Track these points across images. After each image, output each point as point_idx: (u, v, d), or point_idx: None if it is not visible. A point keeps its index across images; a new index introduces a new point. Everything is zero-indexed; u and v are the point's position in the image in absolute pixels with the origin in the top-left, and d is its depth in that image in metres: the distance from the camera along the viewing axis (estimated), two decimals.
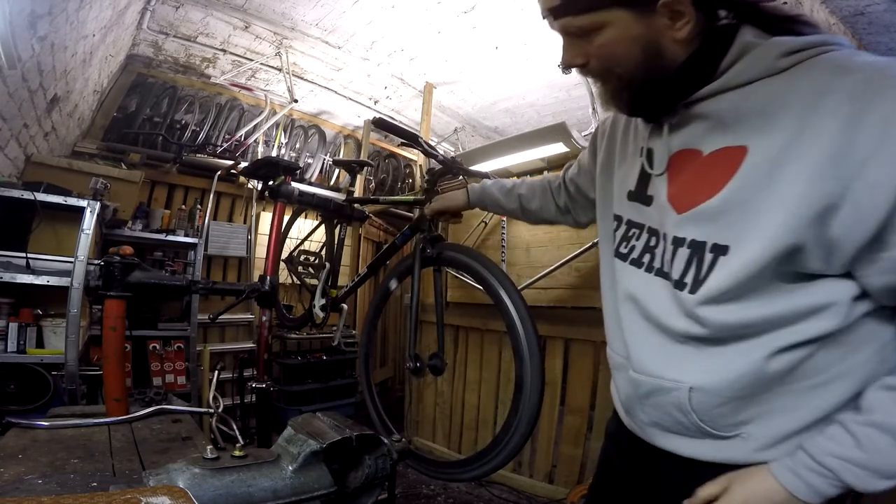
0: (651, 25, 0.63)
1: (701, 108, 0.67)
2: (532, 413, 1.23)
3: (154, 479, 0.80)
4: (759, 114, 0.61)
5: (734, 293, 0.63)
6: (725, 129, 0.65)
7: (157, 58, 3.51)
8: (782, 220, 0.57)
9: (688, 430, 0.71)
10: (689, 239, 0.67)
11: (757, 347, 0.63)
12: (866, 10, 2.12)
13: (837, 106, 0.54)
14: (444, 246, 1.53)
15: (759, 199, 0.59)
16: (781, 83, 0.60)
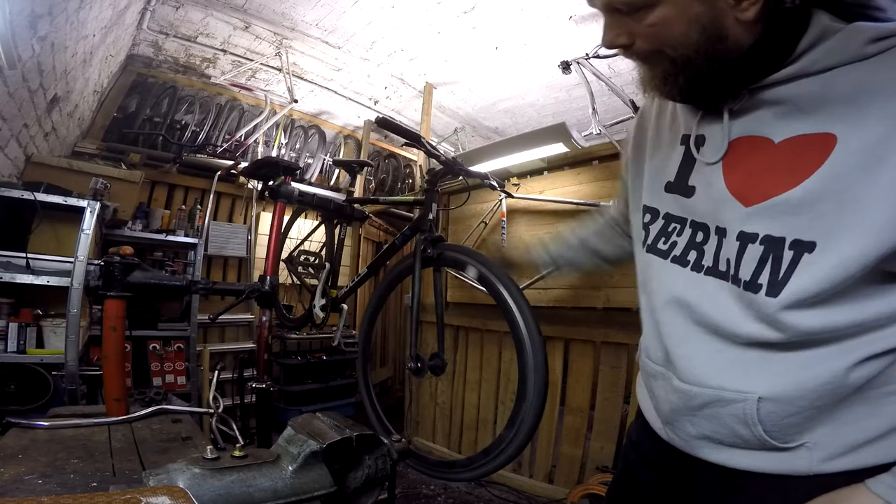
0: (714, 4, 0.57)
1: (773, 93, 0.60)
2: (535, 413, 1.23)
3: (154, 479, 0.80)
4: (847, 101, 0.55)
5: (826, 295, 0.56)
6: (804, 115, 0.58)
7: (157, 58, 3.51)
8: (885, 214, 0.51)
9: (747, 443, 0.64)
10: (763, 234, 0.60)
11: (841, 354, 0.57)
12: None
13: None
14: (444, 246, 1.53)
15: (856, 190, 0.53)
16: (870, 70, 0.54)
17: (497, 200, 2.89)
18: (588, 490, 2.08)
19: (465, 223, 3.14)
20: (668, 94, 0.68)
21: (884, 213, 0.51)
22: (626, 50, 0.65)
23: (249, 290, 1.76)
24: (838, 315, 0.56)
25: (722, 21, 0.58)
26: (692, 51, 0.60)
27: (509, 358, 2.78)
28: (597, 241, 1.05)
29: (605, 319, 2.39)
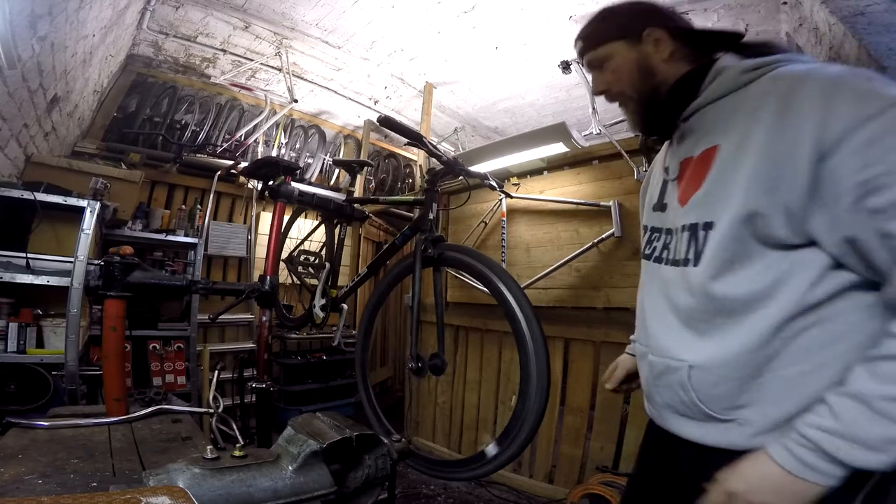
0: (642, 51, 0.85)
1: (690, 122, 0.85)
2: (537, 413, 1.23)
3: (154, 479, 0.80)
4: (726, 119, 0.77)
5: (727, 261, 0.73)
6: (706, 135, 0.81)
7: (157, 58, 3.51)
8: (742, 192, 0.70)
9: (692, 411, 0.78)
10: (689, 223, 0.80)
11: (749, 328, 0.71)
12: (866, 10, 2.12)
13: (772, 104, 0.69)
14: (445, 246, 1.53)
15: (728, 182, 0.74)
16: (742, 94, 0.76)
17: (497, 200, 2.89)
18: (588, 490, 2.08)
19: (465, 223, 3.14)
20: (640, 128, 0.93)
21: (740, 191, 0.70)
22: (607, 95, 0.91)
23: (249, 290, 1.75)
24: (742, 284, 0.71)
25: (650, 61, 0.85)
26: (640, 88, 0.86)
27: (509, 358, 2.78)
28: None
29: (605, 319, 2.39)
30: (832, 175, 0.62)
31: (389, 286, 1.84)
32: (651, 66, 0.85)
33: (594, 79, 0.92)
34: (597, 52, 0.90)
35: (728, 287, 0.72)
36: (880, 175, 0.58)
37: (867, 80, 0.65)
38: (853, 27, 2.11)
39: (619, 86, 0.88)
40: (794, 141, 0.65)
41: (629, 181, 2.38)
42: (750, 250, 0.71)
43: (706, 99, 0.80)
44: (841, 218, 0.62)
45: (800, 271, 0.68)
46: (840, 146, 0.61)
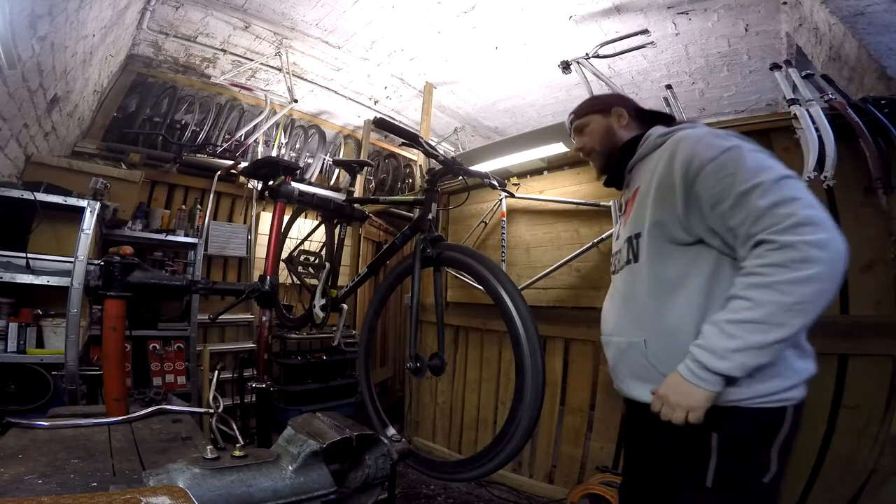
0: (608, 120, 1.29)
1: (632, 173, 1.24)
2: (532, 413, 1.23)
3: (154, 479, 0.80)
4: (644, 170, 1.16)
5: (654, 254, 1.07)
6: (635, 181, 1.21)
7: (157, 58, 3.51)
8: (650, 211, 1.08)
9: (649, 373, 1.06)
10: (626, 237, 1.17)
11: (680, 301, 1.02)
12: (866, 10, 2.12)
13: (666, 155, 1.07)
14: (444, 246, 1.53)
15: (644, 206, 1.11)
16: (657, 152, 1.14)
17: (497, 200, 2.89)
18: (588, 490, 2.08)
19: (465, 223, 3.14)
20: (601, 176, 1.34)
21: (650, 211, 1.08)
22: (583, 151, 1.34)
23: (249, 290, 1.75)
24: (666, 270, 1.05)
25: (613, 128, 1.28)
26: (604, 145, 1.29)
27: (509, 358, 2.78)
28: None
29: None
30: (696, 194, 0.98)
31: (391, 287, 1.84)
32: (613, 131, 1.28)
33: (577, 140, 1.36)
34: (582, 119, 1.34)
35: (662, 270, 1.05)
36: (720, 191, 0.94)
37: (715, 136, 1.04)
38: (853, 27, 2.11)
39: (592, 143, 1.31)
40: (674, 174, 1.02)
41: None
42: (665, 247, 1.05)
43: (638, 156, 1.20)
44: (705, 218, 0.98)
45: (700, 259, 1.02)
46: (699, 175, 0.98)
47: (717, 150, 0.97)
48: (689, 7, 2.82)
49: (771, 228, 0.86)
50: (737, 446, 0.96)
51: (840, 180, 1.71)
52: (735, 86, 3.65)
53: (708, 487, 0.98)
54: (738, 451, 0.96)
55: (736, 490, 0.97)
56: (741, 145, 0.99)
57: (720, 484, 0.97)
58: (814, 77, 2.00)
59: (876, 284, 1.72)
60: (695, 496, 1.01)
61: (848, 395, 1.73)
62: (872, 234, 1.75)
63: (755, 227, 0.88)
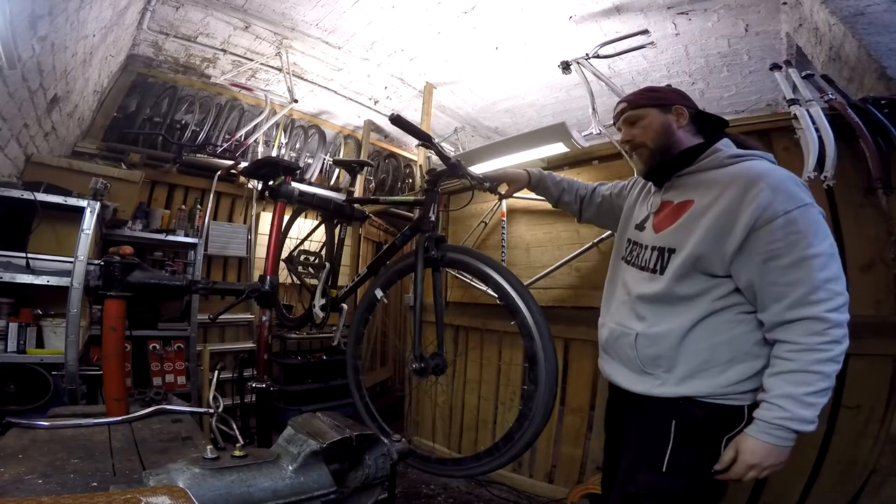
0: (667, 118, 1.21)
1: (681, 180, 1.20)
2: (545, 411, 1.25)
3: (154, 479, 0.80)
4: (704, 186, 1.13)
5: (680, 275, 1.11)
6: (687, 191, 1.17)
7: (157, 58, 3.51)
8: (697, 238, 1.09)
9: (632, 365, 1.18)
10: (659, 246, 1.18)
11: (680, 316, 1.11)
12: (866, 10, 2.12)
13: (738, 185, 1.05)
14: (448, 248, 1.53)
15: (692, 227, 1.11)
16: (722, 171, 1.12)
17: (497, 201, 2.89)
18: (588, 490, 2.08)
19: (465, 223, 3.14)
20: (646, 173, 1.28)
21: (697, 239, 1.09)
22: (631, 144, 1.26)
23: (249, 290, 1.75)
24: (684, 287, 1.11)
25: (672, 127, 1.20)
26: (658, 142, 1.21)
27: (509, 358, 2.78)
28: (566, 186, 1.61)
29: None
30: (758, 240, 1.01)
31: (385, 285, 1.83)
32: (671, 130, 1.20)
33: (624, 132, 1.27)
34: (637, 111, 1.23)
35: (680, 289, 1.12)
36: (782, 248, 0.99)
37: (795, 185, 1.04)
38: (853, 27, 2.11)
39: (644, 138, 1.22)
40: (741, 214, 1.02)
41: None
42: (692, 273, 1.11)
43: (698, 168, 1.17)
44: (753, 268, 1.03)
45: (716, 289, 1.09)
46: (771, 223, 0.99)
47: (795, 202, 0.99)
48: (689, 7, 2.82)
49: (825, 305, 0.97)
50: (691, 436, 1.08)
51: (840, 180, 1.71)
52: (735, 86, 3.65)
53: (662, 471, 1.09)
54: (693, 440, 1.08)
55: (686, 476, 1.09)
56: (814, 204, 1.02)
57: (673, 469, 1.08)
58: (814, 77, 2.00)
59: (876, 284, 1.72)
60: (649, 478, 1.11)
61: (848, 395, 1.72)
62: (872, 234, 1.75)
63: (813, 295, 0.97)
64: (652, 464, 1.10)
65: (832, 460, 1.73)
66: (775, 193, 1.00)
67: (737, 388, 1.06)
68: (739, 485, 1.88)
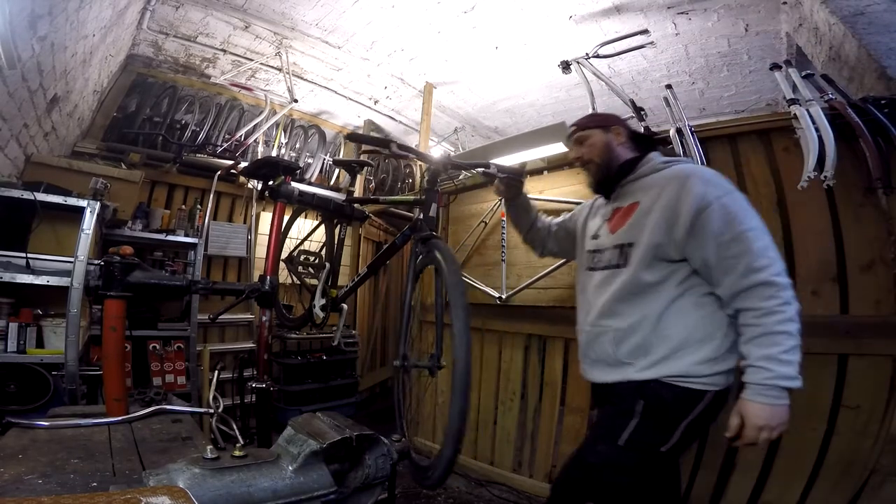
0: (608, 136, 1.43)
1: (626, 188, 1.40)
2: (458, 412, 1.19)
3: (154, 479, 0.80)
4: (645, 188, 1.33)
5: (642, 264, 1.24)
6: (632, 196, 1.36)
7: (157, 58, 3.51)
8: (649, 231, 1.25)
9: (611, 360, 1.28)
10: (618, 244, 1.33)
11: (650, 303, 1.23)
12: (866, 10, 2.12)
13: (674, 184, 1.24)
14: (433, 245, 1.53)
15: (642, 223, 1.27)
16: (658, 175, 1.33)
17: (497, 200, 2.89)
18: None
19: (465, 223, 3.14)
20: (596, 188, 1.49)
21: (650, 231, 1.24)
22: (580, 160, 1.48)
23: (249, 290, 1.75)
24: (648, 275, 1.24)
25: (612, 144, 1.42)
26: (604, 159, 1.42)
27: (509, 357, 2.78)
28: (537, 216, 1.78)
29: None
30: (702, 224, 1.16)
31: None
32: (612, 146, 1.43)
33: (575, 150, 1.49)
34: (584, 132, 1.46)
35: (646, 276, 1.24)
36: (722, 227, 1.14)
37: (719, 178, 1.25)
38: (853, 27, 2.11)
39: (591, 155, 1.44)
40: (683, 204, 1.19)
41: None
42: (654, 261, 1.24)
43: (637, 175, 1.37)
44: (703, 247, 1.16)
45: (676, 273, 1.22)
46: (708, 209, 1.16)
47: (723, 191, 1.20)
48: (689, 7, 2.82)
49: (769, 269, 1.11)
50: (655, 414, 1.18)
51: (840, 180, 1.71)
52: (735, 86, 3.65)
53: (619, 445, 1.19)
54: (655, 418, 1.18)
55: (639, 451, 1.19)
56: (737, 191, 1.23)
57: (630, 444, 1.19)
58: (814, 77, 2.00)
59: (876, 284, 1.72)
60: (606, 449, 1.24)
61: (848, 395, 1.72)
62: (872, 234, 1.75)
63: (756, 262, 1.11)
64: (612, 437, 1.21)
65: (832, 460, 1.73)
66: (706, 185, 1.19)
67: (707, 369, 1.15)
68: (739, 483, 1.89)
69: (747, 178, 2.08)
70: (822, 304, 1.83)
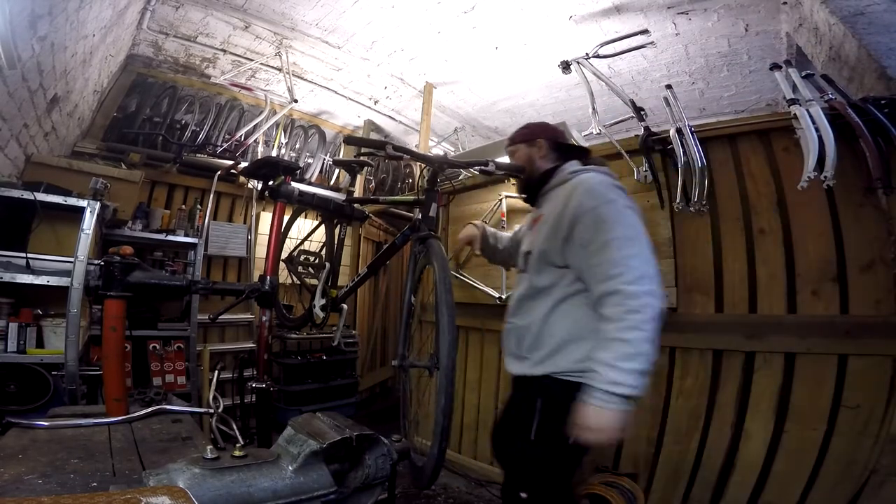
0: (531, 150, 1.53)
1: (543, 197, 1.48)
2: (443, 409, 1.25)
3: (154, 479, 0.80)
4: (552, 198, 1.41)
5: (536, 268, 1.38)
6: (543, 205, 1.46)
7: (157, 58, 3.51)
8: (541, 240, 1.36)
9: (519, 352, 1.38)
10: (525, 251, 1.46)
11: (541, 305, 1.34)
12: (866, 10, 2.12)
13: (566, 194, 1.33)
14: (429, 244, 1.53)
15: (540, 232, 1.39)
16: (563, 186, 1.39)
17: (497, 200, 2.89)
18: (588, 490, 2.08)
19: (465, 223, 3.13)
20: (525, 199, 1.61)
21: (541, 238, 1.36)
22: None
23: (249, 290, 1.75)
24: (541, 280, 1.36)
25: (534, 157, 1.52)
26: (527, 171, 1.53)
27: None
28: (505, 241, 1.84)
29: None
30: (577, 232, 1.25)
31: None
32: (533, 159, 1.52)
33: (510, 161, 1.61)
34: (512, 147, 1.58)
35: (538, 280, 1.36)
36: (591, 235, 1.22)
37: (605, 188, 1.30)
38: (853, 27, 2.11)
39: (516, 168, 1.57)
40: (565, 213, 1.28)
41: (629, 181, 2.38)
42: (543, 266, 1.36)
43: (550, 186, 1.45)
44: (576, 254, 1.26)
45: (563, 278, 1.31)
46: (580, 219, 1.25)
47: (601, 199, 1.26)
48: (689, 7, 2.82)
49: (621, 278, 1.14)
50: (552, 409, 1.25)
51: (840, 180, 1.71)
52: (735, 86, 3.65)
53: (532, 440, 1.28)
54: (553, 413, 1.24)
55: (550, 444, 1.26)
56: (619, 201, 1.26)
57: (539, 438, 1.27)
58: (814, 77, 2.00)
59: (876, 284, 1.72)
60: (522, 446, 1.32)
61: (848, 395, 1.73)
62: (872, 234, 1.75)
63: (611, 270, 1.16)
64: (525, 433, 1.29)
65: (832, 460, 1.73)
66: (586, 195, 1.28)
67: (586, 365, 1.20)
68: (739, 483, 1.89)
69: (747, 178, 2.08)
70: (822, 304, 1.83)
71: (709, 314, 2.09)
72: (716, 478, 1.97)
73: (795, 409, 1.83)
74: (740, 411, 1.96)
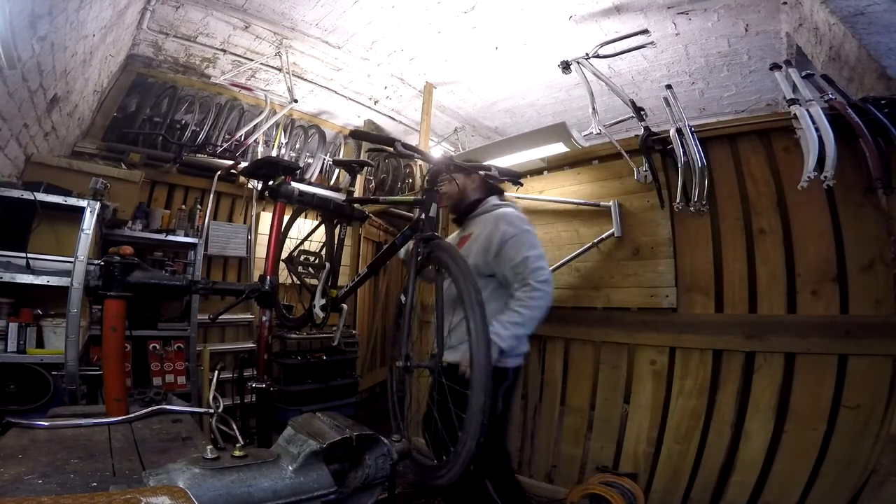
0: (466, 181, 1.94)
1: (470, 221, 1.94)
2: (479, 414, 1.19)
3: (154, 479, 0.80)
4: (480, 223, 1.86)
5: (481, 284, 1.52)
6: (471, 227, 1.91)
7: (157, 58, 3.51)
8: (473, 256, 1.76)
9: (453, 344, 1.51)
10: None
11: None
12: (866, 10, 2.12)
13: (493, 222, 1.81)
14: (435, 245, 1.52)
15: (471, 249, 1.80)
16: (488, 214, 1.87)
17: None
18: (588, 490, 2.08)
19: None
20: (453, 219, 2.09)
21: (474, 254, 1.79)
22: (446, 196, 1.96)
23: (249, 290, 1.75)
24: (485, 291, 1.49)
25: (467, 188, 1.96)
26: (459, 198, 1.97)
27: None
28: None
29: (605, 319, 2.39)
30: (504, 251, 1.72)
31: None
32: (467, 190, 1.94)
33: (445, 186, 1.91)
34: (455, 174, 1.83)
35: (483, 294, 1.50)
36: (514, 255, 1.71)
37: (520, 220, 1.81)
38: (853, 27, 2.11)
39: (451, 192, 1.93)
40: (494, 237, 1.73)
41: (629, 181, 2.38)
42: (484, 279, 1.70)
43: (476, 213, 1.90)
44: (503, 266, 1.73)
45: (489, 284, 1.74)
46: (508, 241, 1.72)
47: (520, 227, 1.76)
48: (689, 7, 2.82)
49: (534, 276, 1.67)
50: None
51: (840, 180, 1.71)
52: (735, 86, 3.65)
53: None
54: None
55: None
56: (530, 230, 1.79)
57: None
58: (814, 77, 2.00)
59: (876, 284, 1.72)
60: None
61: (848, 395, 1.73)
62: (872, 234, 1.75)
63: (528, 274, 1.67)
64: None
65: (832, 460, 1.73)
66: (509, 225, 1.75)
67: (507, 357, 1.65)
68: (739, 483, 1.89)
69: (747, 178, 2.08)
70: (822, 304, 1.83)
71: (709, 314, 2.09)
72: (716, 478, 1.97)
73: (795, 409, 1.83)
74: (740, 411, 1.96)
